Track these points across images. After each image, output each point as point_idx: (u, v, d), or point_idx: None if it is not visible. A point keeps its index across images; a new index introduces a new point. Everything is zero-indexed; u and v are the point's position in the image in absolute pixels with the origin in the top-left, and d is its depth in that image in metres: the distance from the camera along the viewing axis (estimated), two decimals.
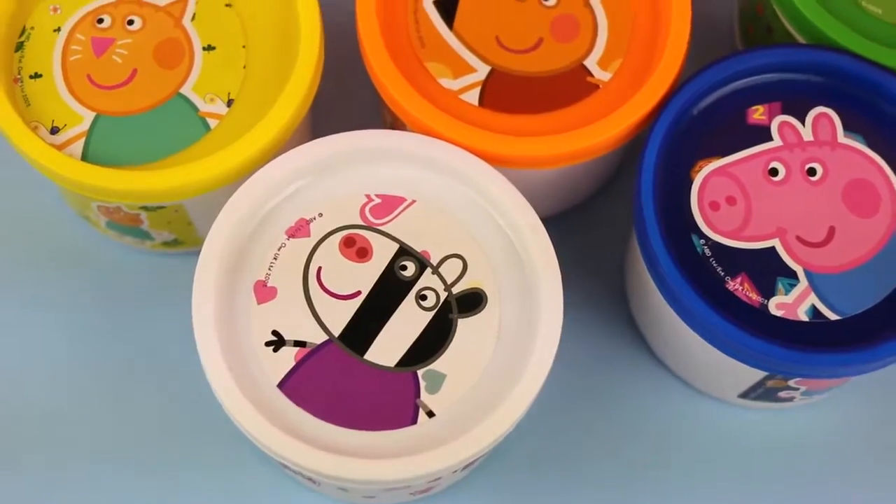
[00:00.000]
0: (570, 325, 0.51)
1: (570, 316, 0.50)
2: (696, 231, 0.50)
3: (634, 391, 0.56)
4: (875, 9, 0.54)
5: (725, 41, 0.62)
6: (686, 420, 0.56)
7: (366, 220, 0.50)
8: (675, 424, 0.56)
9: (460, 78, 0.52)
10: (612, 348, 0.57)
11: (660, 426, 0.56)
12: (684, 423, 0.56)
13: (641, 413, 0.56)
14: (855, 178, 0.51)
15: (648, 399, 0.56)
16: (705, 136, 0.51)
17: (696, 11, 0.55)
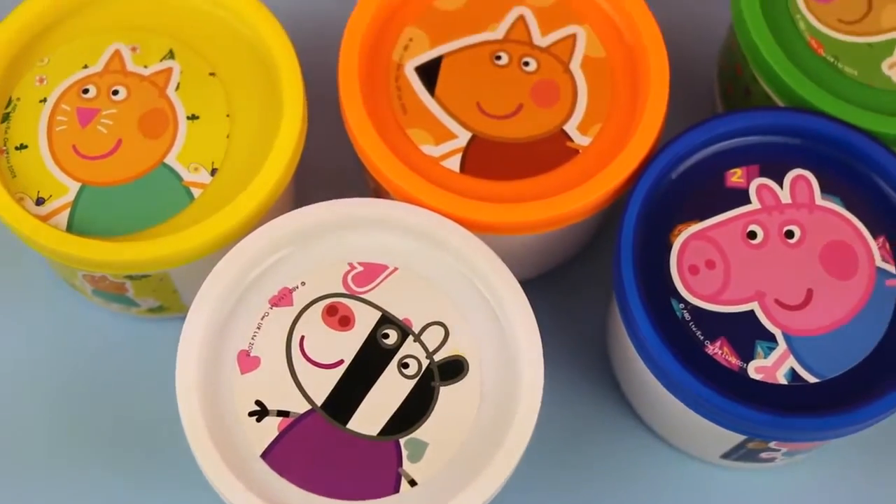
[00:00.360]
0: (554, 388, 0.52)
1: (552, 378, 0.51)
2: (675, 295, 0.51)
3: (618, 452, 0.57)
4: (851, 70, 0.55)
5: (706, 100, 0.64)
6: (670, 481, 0.57)
7: (348, 289, 0.51)
8: (660, 485, 0.56)
9: (442, 144, 0.53)
10: (596, 410, 0.58)
11: (644, 487, 0.56)
12: (668, 484, 0.56)
13: (626, 474, 0.57)
14: (832, 240, 0.52)
15: (632, 460, 0.57)
16: (684, 200, 0.52)
17: (677, 69, 0.56)
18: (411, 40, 0.55)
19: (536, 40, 0.55)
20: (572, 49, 0.55)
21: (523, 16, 0.56)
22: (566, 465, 0.57)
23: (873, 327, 0.51)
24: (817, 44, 0.55)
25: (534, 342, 0.49)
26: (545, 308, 0.58)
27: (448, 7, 0.56)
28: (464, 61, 0.55)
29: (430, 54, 0.55)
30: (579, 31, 0.55)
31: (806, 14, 0.56)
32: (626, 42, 0.55)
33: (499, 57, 0.55)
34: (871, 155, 0.53)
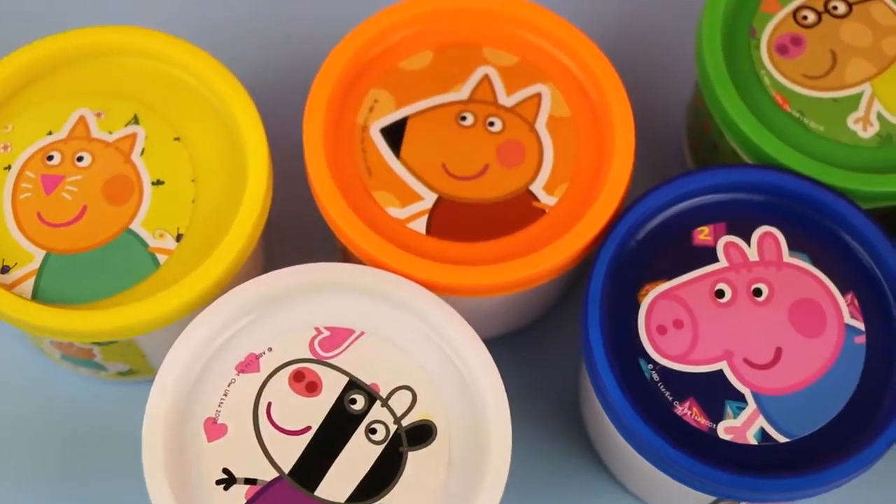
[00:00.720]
0: (525, 446, 0.52)
1: (525, 435, 0.52)
2: (643, 356, 0.51)
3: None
4: (817, 125, 0.55)
5: (674, 155, 0.64)
6: None
7: (315, 354, 0.51)
8: None
9: (407, 206, 0.54)
10: (569, 467, 0.58)
11: None
12: None
13: None
14: (801, 297, 0.52)
15: None
16: (652, 259, 0.53)
17: (645, 125, 0.57)
18: (376, 102, 0.56)
19: (501, 100, 0.56)
20: (538, 108, 0.56)
21: (488, 75, 0.56)
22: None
23: (843, 385, 0.51)
24: (783, 99, 0.56)
25: (501, 406, 0.49)
26: (516, 364, 0.59)
27: (413, 68, 0.56)
28: (429, 122, 0.55)
29: (395, 115, 0.55)
30: (544, 89, 0.56)
31: (770, 69, 0.56)
32: (591, 100, 0.56)
33: (464, 117, 0.55)
34: (837, 211, 0.53)
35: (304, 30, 0.66)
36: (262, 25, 0.66)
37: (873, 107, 0.56)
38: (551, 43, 0.57)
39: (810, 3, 0.58)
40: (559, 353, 0.60)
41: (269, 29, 0.66)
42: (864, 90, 0.56)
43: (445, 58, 0.57)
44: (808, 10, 0.58)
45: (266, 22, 0.66)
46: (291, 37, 0.66)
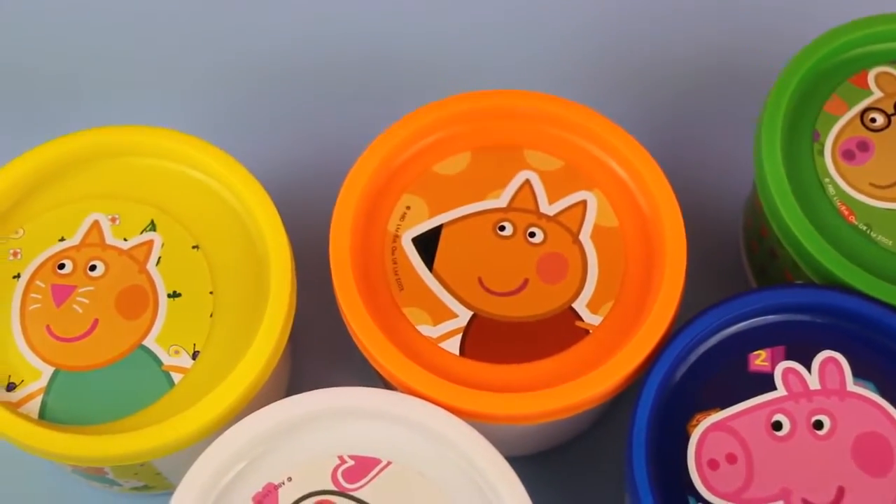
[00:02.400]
0: None
1: None
2: (693, 493, 0.50)
3: None
4: (886, 240, 0.54)
5: (732, 260, 0.63)
6: None
7: (338, 485, 0.50)
8: None
9: (440, 325, 0.53)
10: None
11: None
12: None
13: None
14: (866, 430, 0.51)
15: None
16: (703, 386, 0.51)
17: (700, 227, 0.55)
18: (409, 209, 0.55)
19: (543, 208, 0.55)
20: (583, 217, 0.55)
21: (529, 181, 0.55)
22: None
23: None
24: (848, 211, 0.55)
25: None
26: (560, 482, 0.58)
27: (449, 172, 0.55)
28: (465, 232, 0.54)
29: (428, 224, 0.55)
30: (590, 197, 0.55)
31: (835, 177, 0.55)
32: (641, 209, 0.55)
33: (503, 227, 0.54)
34: None
35: (334, 131, 0.66)
36: (290, 125, 0.66)
37: None
38: (598, 146, 0.56)
39: (879, 104, 0.57)
40: (605, 473, 0.58)
41: (297, 129, 0.66)
42: None
43: (484, 161, 0.56)
44: (876, 111, 0.56)
45: (294, 122, 0.66)
46: (320, 138, 0.65)
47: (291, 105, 0.67)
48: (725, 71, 0.68)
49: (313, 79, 0.68)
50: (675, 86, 0.67)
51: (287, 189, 0.60)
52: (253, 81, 0.68)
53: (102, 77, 0.68)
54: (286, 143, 0.65)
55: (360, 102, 0.66)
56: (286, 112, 0.67)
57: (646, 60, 0.68)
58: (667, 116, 0.67)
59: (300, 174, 0.64)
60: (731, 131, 0.64)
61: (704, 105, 0.67)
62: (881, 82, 0.57)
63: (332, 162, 0.61)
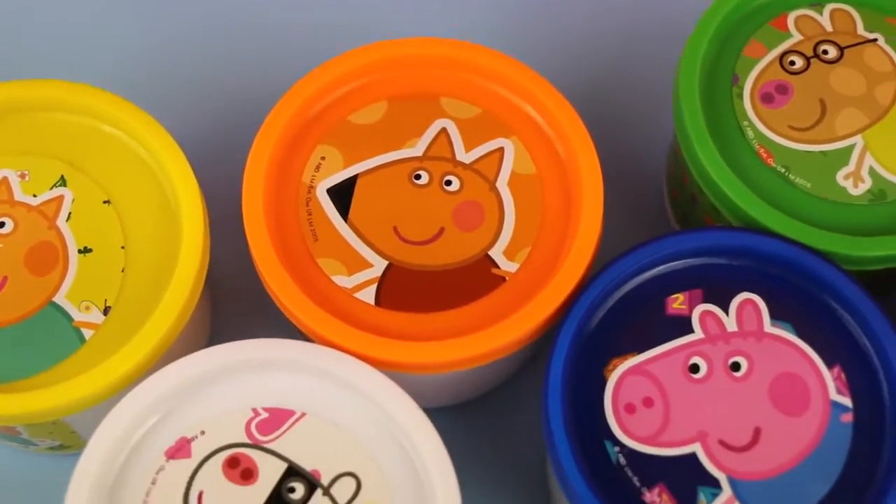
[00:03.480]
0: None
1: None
2: (609, 437, 0.51)
3: None
4: (803, 182, 0.55)
5: (657, 208, 0.64)
6: None
7: (252, 438, 0.51)
8: None
9: (355, 274, 0.54)
10: None
11: None
12: None
13: None
14: (783, 371, 0.52)
15: None
16: (620, 331, 0.53)
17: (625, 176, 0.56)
18: (323, 159, 0.56)
19: (460, 156, 0.56)
20: (499, 165, 0.56)
21: (446, 129, 0.56)
22: None
23: (827, 468, 0.51)
24: (767, 153, 0.56)
25: (452, 496, 0.49)
26: (481, 431, 0.59)
27: (364, 122, 0.56)
28: (380, 182, 0.55)
29: (343, 174, 0.56)
30: (507, 144, 0.56)
31: (754, 120, 0.57)
32: (558, 156, 0.56)
33: (418, 176, 0.55)
34: (824, 277, 0.53)
35: (247, 83, 0.66)
36: (201, 78, 0.67)
37: (865, 161, 0.56)
38: (515, 93, 0.57)
39: (798, 46, 0.58)
40: (526, 423, 0.60)
41: (208, 82, 0.66)
42: (856, 143, 0.56)
43: (400, 110, 0.57)
44: (795, 54, 0.58)
45: (205, 75, 0.67)
46: (233, 90, 0.66)
47: (204, 58, 0.68)
48: (650, 20, 0.69)
49: (225, 33, 0.68)
50: (599, 36, 0.69)
51: (201, 142, 0.61)
52: (163, 35, 0.68)
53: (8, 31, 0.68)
54: (199, 96, 0.66)
55: (274, 55, 0.67)
56: (198, 65, 0.68)
57: (569, 11, 0.69)
58: (591, 67, 0.68)
59: (214, 127, 0.65)
60: (657, 80, 0.65)
61: (629, 55, 0.68)
62: (801, 25, 0.59)
63: (246, 114, 0.61)
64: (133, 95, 0.57)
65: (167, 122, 0.56)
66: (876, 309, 0.52)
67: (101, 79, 0.59)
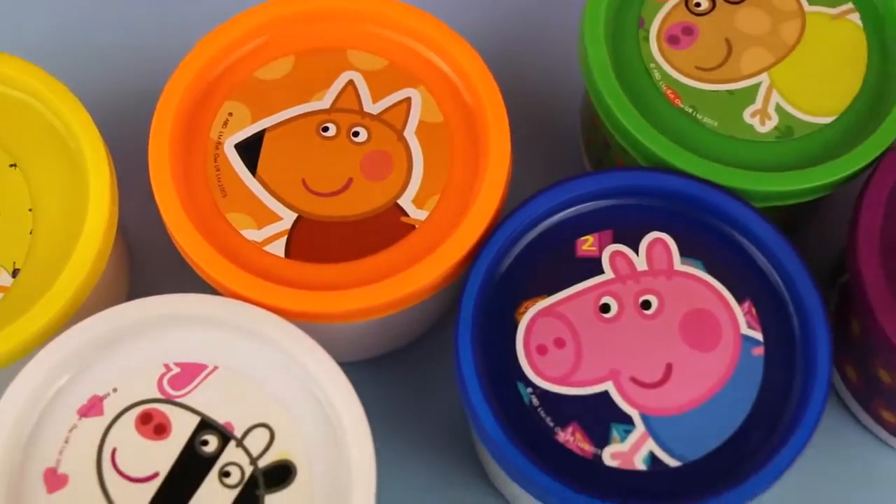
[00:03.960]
0: (415, 472, 0.56)
1: (416, 461, 0.55)
2: (522, 379, 0.52)
3: None
4: (711, 121, 0.56)
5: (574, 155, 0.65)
6: None
7: (164, 393, 0.51)
8: None
9: (264, 228, 0.54)
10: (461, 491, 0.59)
11: None
12: None
13: None
14: (693, 308, 0.53)
15: None
16: (531, 274, 0.53)
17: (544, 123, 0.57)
18: (231, 115, 0.56)
19: (367, 107, 0.56)
20: (407, 115, 0.56)
21: (353, 81, 0.57)
22: None
23: (739, 401, 0.51)
24: (674, 94, 0.57)
25: (365, 443, 0.50)
26: (402, 384, 0.59)
27: (271, 77, 0.57)
28: (288, 135, 0.56)
29: (250, 129, 0.56)
30: (414, 94, 0.56)
31: (661, 62, 0.57)
32: (466, 103, 0.56)
33: (326, 128, 0.56)
34: (732, 213, 0.54)
35: (152, 41, 0.67)
36: (105, 38, 0.67)
37: (772, 98, 0.56)
38: (422, 43, 0.57)
39: None
40: (443, 376, 0.60)
41: (113, 44, 0.67)
42: (762, 81, 0.57)
43: (307, 64, 0.57)
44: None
45: (109, 34, 0.67)
46: (138, 49, 0.66)
47: (108, 20, 0.68)
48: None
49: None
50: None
51: (108, 104, 0.61)
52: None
53: None
54: (104, 59, 0.66)
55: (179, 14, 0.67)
56: (103, 27, 0.68)
57: None
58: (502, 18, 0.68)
59: (120, 88, 0.65)
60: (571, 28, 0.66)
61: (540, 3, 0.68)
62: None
63: (153, 74, 0.62)
64: (37, 59, 0.57)
65: (73, 84, 0.57)
66: (784, 243, 0.53)
67: (3, 43, 0.59)
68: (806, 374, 0.51)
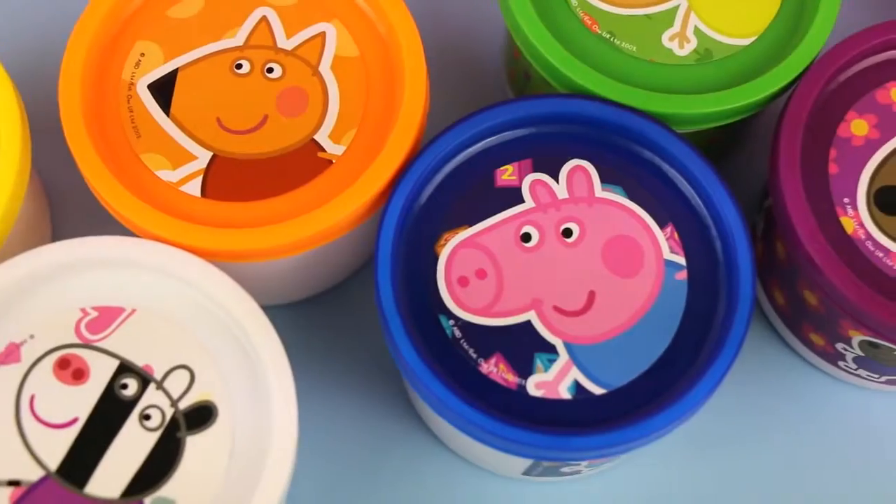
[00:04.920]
0: (347, 411, 0.56)
1: (346, 401, 0.55)
2: (444, 311, 0.51)
3: (418, 475, 0.57)
4: (629, 46, 0.55)
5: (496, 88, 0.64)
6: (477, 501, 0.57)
7: (81, 338, 0.50)
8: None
9: (180, 168, 0.53)
10: (392, 430, 0.58)
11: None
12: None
13: (426, 497, 0.57)
14: (615, 234, 0.52)
15: (433, 481, 0.57)
16: (451, 205, 0.52)
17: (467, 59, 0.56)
18: (143, 55, 0.55)
19: (281, 43, 0.55)
20: (321, 49, 0.55)
21: (266, 17, 0.56)
22: (361, 489, 0.57)
23: (664, 326, 0.51)
24: (591, 20, 0.56)
25: (284, 378, 0.49)
26: (333, 326, 0.58)
27: (183, 15, 0.56)
28: (201, 74, 0.55)
29: (163, 69, 0.55)
30: (329, 28, 0.56)
31: None
32: (381, 37, 0.55)
33: (240, 65, 0.55)
34: (652, 138, 0.53)
35: None
36: None
37: (690, 21, 0.56)
38: None
39: None
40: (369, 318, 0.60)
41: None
42: (680, 4, 0.56)
43: (219, 1, 0.56)
44: None
45: None
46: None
47: None
48: None
49: None
50: None
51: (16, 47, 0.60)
52: None
53: None
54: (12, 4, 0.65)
55: None
56: None
57: None
58: None
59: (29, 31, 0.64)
60: None
61: None
62: None
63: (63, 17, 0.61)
64: None
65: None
66: (705, 166, 0.52)
67: None
68: (729, 296, 0.51)
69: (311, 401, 0.57)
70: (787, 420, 0.59)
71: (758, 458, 0.58)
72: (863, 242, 0.52)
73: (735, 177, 0.61)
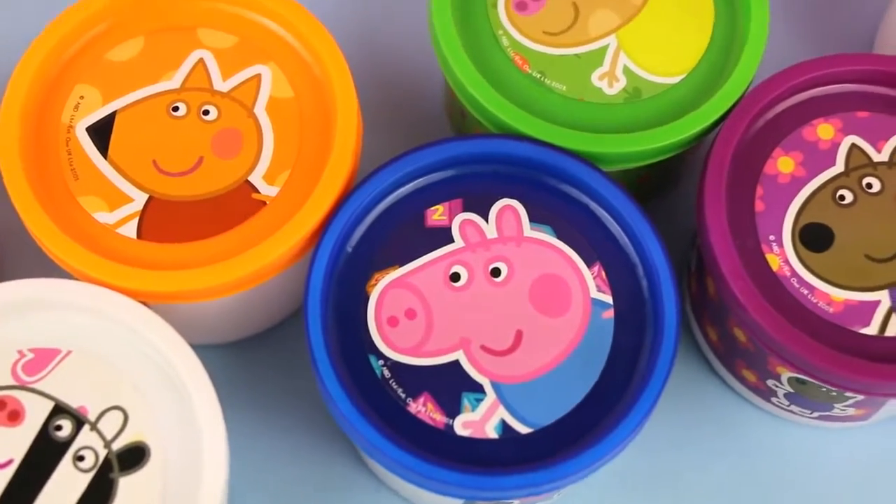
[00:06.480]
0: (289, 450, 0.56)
1: (287, 442, 0.56)
2: (374, 351, 0.51)
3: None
4: (559, 85, 0.55)
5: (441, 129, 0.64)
6: None
7: (17, 380, 0.50)
8: None
9: (116, 210, 0.53)
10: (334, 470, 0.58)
11: None
12: None
13: None
14: (543, 273, 0.52)
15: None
16: (381, 245, 0.53)
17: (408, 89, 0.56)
18: (82, 98, 0.55)
19: (217, 85, 0.55)
20: (257, 91, 0.55)
21: (203, 59, 0.56)
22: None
23: (590, 365, 0.51)
24: (522, 60, 0.56)
25: (215, 418, 0.49)
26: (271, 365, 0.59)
27: (122, 58, 0.56)
28: (138, 116, 0.55)
29: (102, 112, 0.55)
30: (265, 70, 0.56)
31: (509, 29, 0.56)
32: (316, 78, 0.55)
33: (176, 108, 0.55)
34: (581, 178, 0.53)
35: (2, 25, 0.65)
36: None
37: (619, 60, 0.56)
38: (271, 19, 0.57)
39: None
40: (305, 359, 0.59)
41: None
42: (610, 43, 0.56)
43: (157, 44, 0.56)
44: None
45: None
46: None
47: None
48: None
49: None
50: None
51: None
52: None
53: None
54: None
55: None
56: None
57: None
58: None
59: None
60: None
61: None
62: None
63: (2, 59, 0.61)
64: None
65: None
66: (631, 205, 0.53)
67: None
68: (655, 333, 0.51)
69: (251, 441, 0.57)
70: (723, 456, 0.59)
71: (693, 494, 0.58)
72: (788, 280, 0.52)
73: (669, 213, 0.61)
